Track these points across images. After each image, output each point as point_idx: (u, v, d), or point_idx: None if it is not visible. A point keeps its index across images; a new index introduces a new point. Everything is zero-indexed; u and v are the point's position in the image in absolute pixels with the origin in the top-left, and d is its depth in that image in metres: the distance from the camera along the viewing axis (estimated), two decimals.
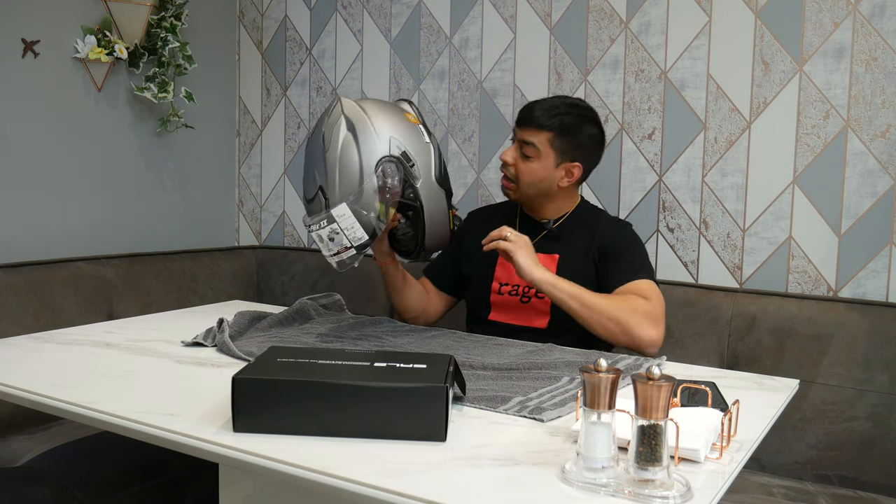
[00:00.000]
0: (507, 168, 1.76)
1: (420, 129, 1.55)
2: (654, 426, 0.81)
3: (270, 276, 2.59)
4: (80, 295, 2.08)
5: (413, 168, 1.51)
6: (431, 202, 1.55)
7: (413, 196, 1.52)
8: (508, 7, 2.26)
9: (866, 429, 1.69)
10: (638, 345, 1.56)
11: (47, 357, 1.36)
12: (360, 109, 1.51)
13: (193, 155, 2.66)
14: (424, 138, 1.54)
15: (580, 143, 1.73)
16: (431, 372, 1.00)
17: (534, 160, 1.72)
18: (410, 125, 1.54)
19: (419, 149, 1.53)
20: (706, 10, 2.00)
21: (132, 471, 1.66)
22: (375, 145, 1.48)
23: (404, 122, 1.54)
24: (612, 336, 1.56)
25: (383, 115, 1.52)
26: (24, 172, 2.17)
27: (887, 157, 1.82)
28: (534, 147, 1.71)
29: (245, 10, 2.77)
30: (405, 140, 1.51)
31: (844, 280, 1.88)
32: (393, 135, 1.50)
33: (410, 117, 1.56)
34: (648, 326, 1.55)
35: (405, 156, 1.50)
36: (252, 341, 1.46)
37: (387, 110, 1.54)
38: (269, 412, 0.96)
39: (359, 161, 1.47)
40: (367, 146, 1.48)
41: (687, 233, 2.06)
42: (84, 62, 2.29)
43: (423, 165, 1.53)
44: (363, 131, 1.48)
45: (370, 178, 1.46)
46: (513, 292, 1.76)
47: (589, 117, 1.75)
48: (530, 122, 1.72)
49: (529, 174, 1.73)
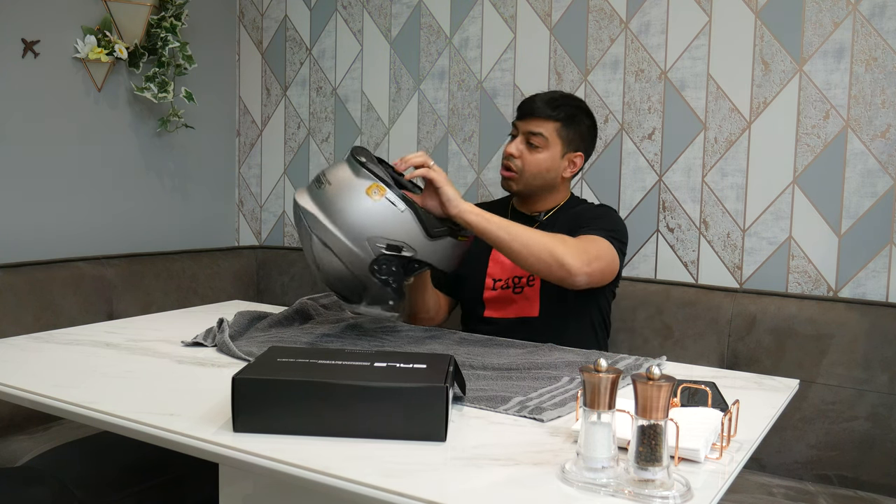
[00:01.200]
0: (513, 161, 1.76)
1: (386, 201, 1.39)
2: (654, 426, 0.81)
3: (270, 276, 2.59)
4: (80, 295, 2.07)
5: (403, 250, 1.41)
6: (437, 253, 1.46)
7: (419, 265, 1.46)
8: (508, 7, 2.26)
9: (866, 429, 1.69)
10: (565, 272, 1.51)
11: (47, 357, 1.36)
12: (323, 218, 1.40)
13: (193, 155, 2.66)
14: (398, 207, 1.40)
15: (582, 133, 1.79)
16: (431, 372, 1.00)
17: (542, 150, 1.74)
18: (376, 206, 1.39)
19: (397, 225, 1.40)
20: (706, 10, 2.00)
21: (132, 471, 1.66)
22: (358, 256, 1.40)
23: (370, 207, 1.39)
24: (543, 264, 1.50)
25: (350, 215, 1.39)
26: (24, 172, 2.17)
27: (887, 157, 1.82)
28: (542, 137, 1.74)
29: (245, 10, 2.77)
30: (382, 229, 1.39)
31: (844, 280, 1.88)
32: (369, 235, 1.39)
33: (373, 191, 1.39)
34: (576, 257, 1.51)
35: (390, 247, 1.40)
36: (252, 341, 1.46)
37: (349, 203, 1.39)
38: (269, 412, 0.96)
39: (350, 273, 1.42)
40: (348, 259, 1.40)
41: (687, 233, 2.06)
42: (84, 62, 2.29)
43: (412, 237, 1.41)
44: (336, 244, 1.40)
45: (369, 282, 1.43)
46: (505, 286, 1.77)
47: (585, 109, 1.82)
48: (536, 112, 1.74)
49: (536, 165, 1.75)
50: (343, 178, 1.42)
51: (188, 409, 1.06)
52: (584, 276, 1.53)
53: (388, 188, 1.40)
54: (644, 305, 1.96)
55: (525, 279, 1.75)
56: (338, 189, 1.41)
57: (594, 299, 1.76)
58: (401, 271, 1.44)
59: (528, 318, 1.74)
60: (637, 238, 2.13)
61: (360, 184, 1.41)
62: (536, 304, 1.74)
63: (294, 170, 2.71)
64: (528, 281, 1.74)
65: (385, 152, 2.51)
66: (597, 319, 1.79)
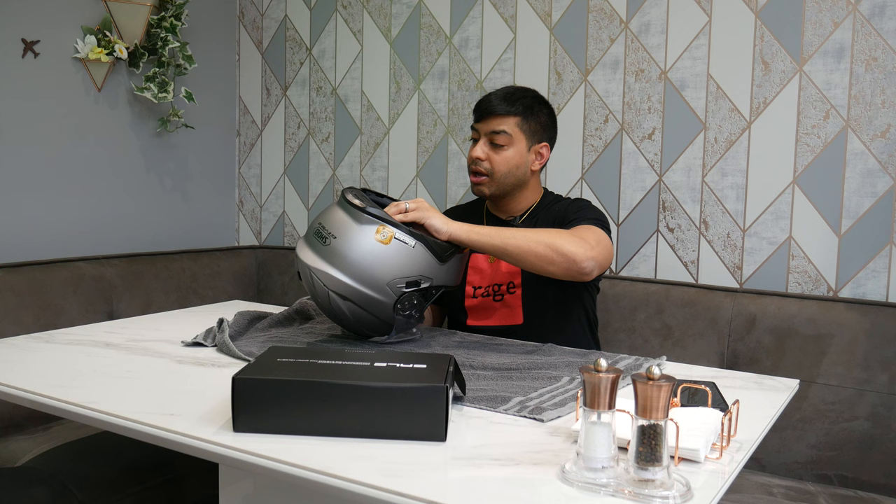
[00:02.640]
0: (481, 164, 1.73)
1: (397, 242, 1.39)
2: (654, 426, 0.81)
3: (270, 276, 2.59)
4: (80, 295, 2.07)
5: (421, 283, 1.41)
6: (449, 274, 1.47)
7: (435, 291, 1.46)
8: (508, 7, 2.26)
9: (866, 429, 1.69)
10: (571, 261, 1.49)
11: (47, 357, 1.36)
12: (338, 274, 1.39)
13: (193, 155, 2.66)
14: (409, 244, 1.39)
15: (543, 123, 1.77)
16: (431, 372, 1.00)
17: (507, 148, 1.73)
18: (388, 249, 1.38)
19: (412, 261, 1.40)
20: (706, 10, 2.00)
21: (132, 471, 1.66)
22: (381, 302, 1.40)
23: (383, 252, 1.38)
24: (547, 260, 1.49)
25: (365, 266, 1.38)
26: (24, 172, 2.17)
27: (887, 157, 1.82)
28: (505, 134, 1.72)
29: (245, 10, 2.77)
30: (398, 270, 1.39)
31: (844, 280, 1.88)
32: (388, 280, 1.39)
33: (381, 234, 1.38)
34: (577, 245, 1.50)
35: (409, 284, 1.40)
36: (252, 341, 1.46)
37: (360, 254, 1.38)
38: (269, 412, 0.96)
39: (374, 318, 1.43)
40: (371, 306, 1.41)
41: (687, 233, 2.06)
42: (84, 62, 2.29)
43: (426, 267, 1.42)
44: (356, 296, 1.39)
45: (396, 322, 1.44)
46: (485, 293, 1.77)
47: (541, 98, 1.79)
48: (495, 110, 1.73)
49: (505, 163, 1.73)
50: (346, 227, 1.40)
51: (188, 409, 1.06)
52: (591, 261, 1.51)
53: (394, 227, 1.40)
54: (644, 305, 1.96)
55: (505, 287, 1.73)
56: (345, 241, 1.39)
57: (578, 300, 1.75)
58: (422, 301, 1.45)
59: (513, 327, 1.72)
60: (637, 238, 2.13)
61: (366, 230, 1.39)
62: (519, 311, 1.73)
63: (294, 170, 2.71)
64: (509, 289, 1.73)
65: (385, 152, 2.51)
66: (582, 320, 1.77)
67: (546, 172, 2.23)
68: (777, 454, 1.75)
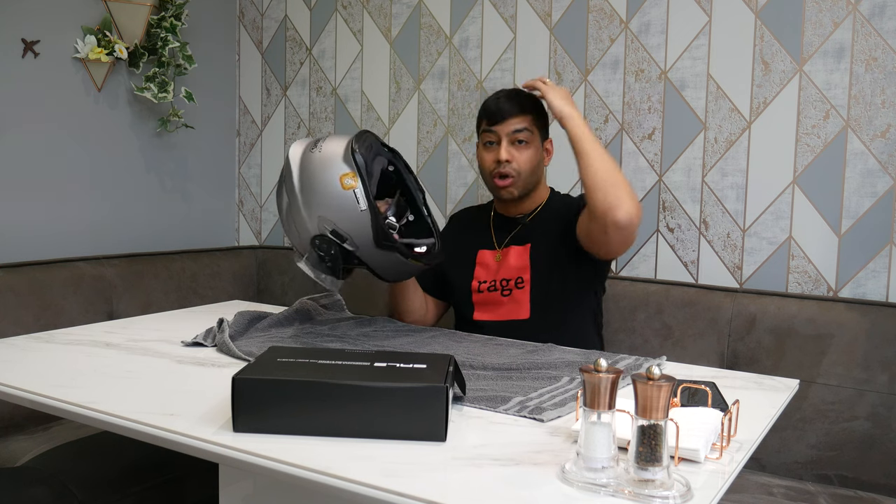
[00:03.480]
0: (509, 166, 1.73)
1: (353, 195, 1.43)
2: (654, 426, 0.81)
3: (270, 276, 2.59)
4: (80, 295, 2.07)
5: (347, 242, 1.44)
6: (380, 261, 1.49)
7: (357, 261, 1.48)
8: (508, 7, 2.26)
9: (866, 429, 1.69)
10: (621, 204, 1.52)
11: (47, 357, 1.36)
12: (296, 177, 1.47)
13: (193, 155, 2.66)
14: (360, 206, 1.43)
15: (546, 120, 1.80)
16: (431, 372, 1.00)
17: (529, 145, 1.75)
18: (341, 193, 1.43)
19: (351, 221, 1.44)
20: (706, 10, 2.00)
21: (132, 471, 1.66)
22: (305, 224, 1.46)
23: (335, 191, 1.43)
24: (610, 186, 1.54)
25: (316, 187, 1.45)
26: (24, 172, 2.17)
27: (887, 157, 1.82)
28: (527, 131, 1.74)
29: (245, 10, 2.77)
30: (336, 215, 1.43)
31: (844, 280, 1.88)
32: (321, 213, 1.44)
33: (347, 181, 1.43)
34: (633, 201, 1.55)
35: (335, 234, 1.44)
36: (252, 341, 1.46)
37: (321, 177, 1.45)
38: (269, 412, 0.96)
39: (297, 233, 1.49)
40: (300, 224, 1.47)
41: (687, 233, 2.06)
42: (84, 62, 2.29)
43: (359, 236, 1.44)
44: (294, 209, 1.47)
45: (309, 252, 1.47)
46: (492, 288, 1.77)
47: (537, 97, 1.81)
48: (513, 110, 1.74)
49: (529, 162, 1.75)
50: (332, 153, 1.47)
51: (188, 409, 1.06)
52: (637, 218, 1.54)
53: (363, 185, 1.43)
54: (644, 305, 1.96)
55: (513, 282, 1.75)
56: (321, 160, 1.46)
57: (586, 298, 1.77)
58: (339, 257, 1.47)
59: (519, 321, 1.73)
60: (637, 238, 2.12)
61: (340, 167, 1.45)
62: (526, 306, 1.73)
63: None
64: (517, 284, 1.74)
65: None
66: (588, 318, 1.79)
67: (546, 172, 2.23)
68: (777, 454, 1.75)
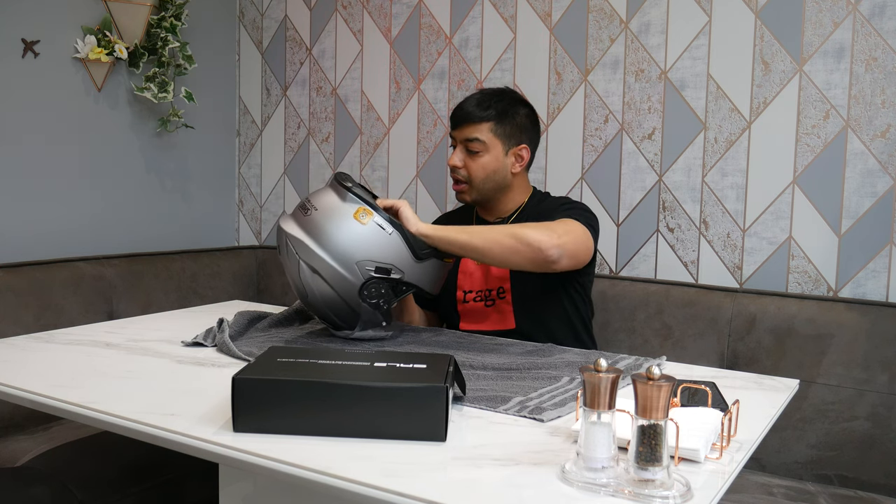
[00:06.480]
0: (458, 172, 1.74)
1: (374, 224, 1.40)
2: (654, 426, 0.81)
3: (270, 276, 2.59)
4: (80, 295, 2.08)
5: (392, 272, 1.41)
6: (424, 275, 1.46)
7: (406, 287, 1.45)
8: (508, 7, 2.26)
9: (866, 429, 1.69)
10: (536, 250, 1.48)
11: (47, 357, 1.36)
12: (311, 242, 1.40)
13: (193, 155, 2.66)
14: (386, 230, 1.40)
15: (519, 124, 1.75)
16: (431, 372, 1.00)
17: (482, 154, 1.72)
18: (364, 229, 1.40)
19: (386, 247, 1.40)
20: (706, 10, 2.00)
21: (132, 471, 1.66)
22: (348, 280, 1.39)
23: (358, 230, 1.39)
24: (512, 250, 1.48)
25: (339, 238, 1.39)
26: (24, 172, 2.17)
27: (887, 157, 1.82)
28: (479, 141, 1.72)
29: (245, 10, 2.77)
30: (370, 252, 1.39)
31: (844, 280, 1.88)
32: (359, 259, 1.39)
33: (361, 215, 1.40)
34: (542, 232, 1.49)
35: (379, 270, 1.40)
36: (252, 341, 1.46)
37: (338, 226, 1.40)
38: (269, 412, 0.96)
39: (340, 298, 1.42)
40: (338, 284, 1.40)
41: (687, 233, 2.06)
42: (84, 62, 2.29)
43: (399, 259, 1.41)
44: (325, 269, 1.39)
45: (359, 306, 1.42)
46: (477, 298, 1.77)
47: (518, 99, 1.78)
48: (467, 118, 1.73)
49: (481, 170, 1.73)
50: (329, 202, 1.43)
51: (188, 409, 1.06)
52: (557, 248, 1.49)
53: (376, 211, 1.41)
54: (644, 305, 1.96)
55: (495, 292, 1.74)
56: (325, 214, 1.41)
57: (564, 300, 1.74)
58: (390, 293, 1.44)
59: (505, 332, 1.72)
60: (637, 238, 2.13)
61: (347, 208, 1.41)
62: (511, 316, 1.73)
63: (294, 170, 2.71)
64: (499, 294, 1.73)
65: (385, 152, 2.51)
66: (574, 320, 1.76)
67: (546, 173, 2.23)
68: (777, 454, 1.76)
